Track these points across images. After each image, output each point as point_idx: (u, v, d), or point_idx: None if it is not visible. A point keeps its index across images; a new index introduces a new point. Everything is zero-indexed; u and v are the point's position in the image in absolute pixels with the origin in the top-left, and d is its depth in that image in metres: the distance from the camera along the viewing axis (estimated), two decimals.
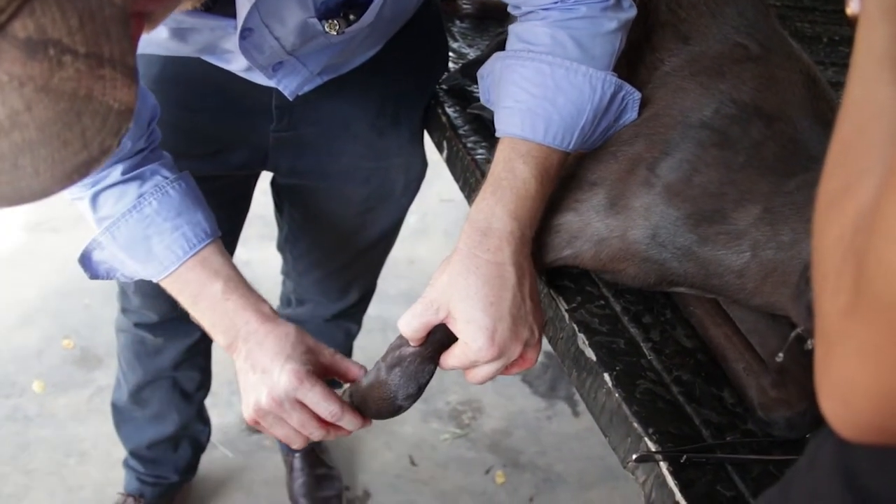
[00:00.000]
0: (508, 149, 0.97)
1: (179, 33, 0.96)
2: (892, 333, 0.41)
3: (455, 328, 0.91)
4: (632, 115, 1.03)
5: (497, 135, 1.00)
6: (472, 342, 0.90)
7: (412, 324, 0.92)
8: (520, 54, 0.99)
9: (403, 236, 1.70)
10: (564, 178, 1.04)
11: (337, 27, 1.01)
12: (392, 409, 0.96)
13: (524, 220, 0.94)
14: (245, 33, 0.97)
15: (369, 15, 1.02)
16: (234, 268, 1.04)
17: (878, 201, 0.42)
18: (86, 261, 1.08)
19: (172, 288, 1.03)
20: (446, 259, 0.93)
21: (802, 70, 1.02)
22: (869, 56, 0.52)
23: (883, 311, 0.41)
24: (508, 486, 2.19)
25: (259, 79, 1.12)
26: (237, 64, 1.05)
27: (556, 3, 0.97)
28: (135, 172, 1.02)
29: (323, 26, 1.00)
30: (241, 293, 1.01)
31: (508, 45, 1.03)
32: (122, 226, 1.02)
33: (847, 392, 0.44)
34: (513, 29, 1.02)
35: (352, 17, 1.01)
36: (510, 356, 0.92)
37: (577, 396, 2.45)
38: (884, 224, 0.41)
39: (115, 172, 1.02)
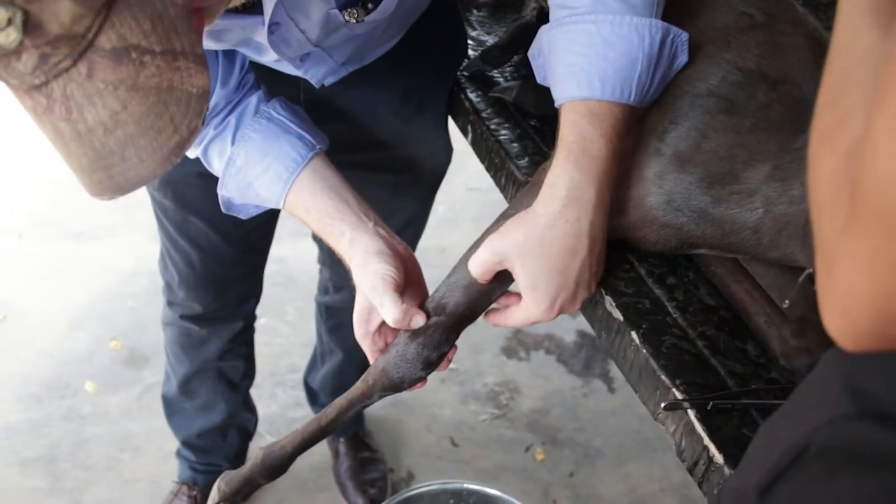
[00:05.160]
0: (571, 112, 0.96)
1: (215, 34, 1.03)
2: (884, 238, 0.44)
3: (519, 286, 0.96)
4: (683, 58, 1.02)
5: (556, 105, 0.99)
6: (535, 307, 0.95)
7: (479, 269, 0.98)
8: (563, 21, 1.00)
9: (433, 226, 1.75)
10: None
11: (356, 15, 1.06)
12: (413, 377, 1.02)
13: (602, 183, 0.95)
14: (273, 28, 1.03)
15: (389, 4, 1.07)
16: (326, 192, 1.11)
17: (869, 118, 0.45)
18: (229, 208, 1.19)
19: (291, 212, 1.14)
20: (525, 212, 0.96)
21: (808, 34, 1.05)
22: (852, 3, 0.57)
23: (875, 217, 0.44)
24: (548, 463, 2.25)
25: (287, 69, 1.19)
26: (269, 56, 1.12)
27: None
28: (224, 123, 1.13)
29: (343, 16, 1.06)
30: (331, 221, 1.09)
31: (551, 15, 1.03)
32: (228, 181, 1.14)
33: (847, 303, 0.48)
34: None
35: (370, 5, 1.07)
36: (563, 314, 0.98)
37: (612, 373, 2.49)
38: (873, 137, 0.45)
39: (210, 129, 1.13)
